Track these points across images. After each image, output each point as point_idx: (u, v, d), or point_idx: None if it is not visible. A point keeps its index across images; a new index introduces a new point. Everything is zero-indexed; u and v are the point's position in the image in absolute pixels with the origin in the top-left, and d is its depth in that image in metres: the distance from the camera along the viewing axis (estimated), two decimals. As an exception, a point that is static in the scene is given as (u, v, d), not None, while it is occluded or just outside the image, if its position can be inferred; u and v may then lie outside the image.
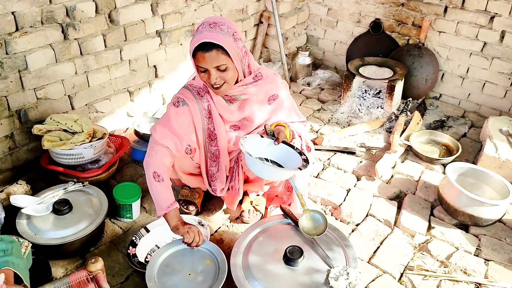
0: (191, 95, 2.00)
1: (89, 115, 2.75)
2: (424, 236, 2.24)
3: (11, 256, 1.48)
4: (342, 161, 2.80)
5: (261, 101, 2.08)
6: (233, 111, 2.06)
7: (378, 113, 3.27)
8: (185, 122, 1.99)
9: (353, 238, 2.22)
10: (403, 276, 2.04)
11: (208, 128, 2.04)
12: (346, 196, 2.50)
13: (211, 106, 2.01)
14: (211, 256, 1.87)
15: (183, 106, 1.98)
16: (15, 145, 2.43)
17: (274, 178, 2.01)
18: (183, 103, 1.98)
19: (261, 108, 2.09)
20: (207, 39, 1.76)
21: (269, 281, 1.72)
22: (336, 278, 1.71)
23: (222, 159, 2.13)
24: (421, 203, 2.45)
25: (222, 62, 1.81)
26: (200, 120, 2.01)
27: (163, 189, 1.91)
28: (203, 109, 2.00)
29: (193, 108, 1.98)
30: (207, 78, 1.86)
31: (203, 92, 2.01)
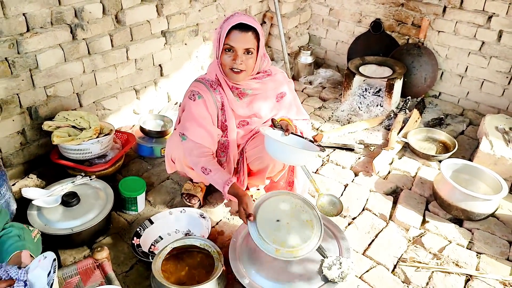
0: (205, 87, 2.09)
1: (97, 112, 2.85)
2: (419, 230, 2.32)
3: (26, 241, 1.58)
4: (341, 157, 2.88)
5: (269, 98, 2.17)
6: (242, 105, 2.16)
7: (377, 111, 3.35)
8: (206, 114, 2.09)
9: (349, 231, 2.31)
10: (396, 267, 2.11)
11: (220, 120, 2.15)
12: (344, 191, 2.58)
13: (224, 99, 2.11)
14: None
15: (199, 99, 2.07)
16: (27, 141, 2.54)
17: (294, 159, 1.99)
18: (198, 96, 2.07)
19: (269, 105, 2.19)
20: (246, 21, 1.90)
21: (266, 270, 1.81)
22: (329, 268, 1.80)
23: (231, 150, 2.23)
24: (417, 198, 2.52)
25: (252, 45, 1.93)
26: (215, 110, 2.11)
27: (213, 177, 2.02)
28: (217, 100, 2.10)
29: (207, 99, 2.08)
30: (231, 59, 1.95)
31: (215, 85, 2.10)
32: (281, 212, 1.88)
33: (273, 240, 1.76)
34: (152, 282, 1.85)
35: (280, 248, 1.74)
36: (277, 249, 1.73)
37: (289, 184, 2.30)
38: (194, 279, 1.88)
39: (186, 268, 1.93)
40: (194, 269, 1.93)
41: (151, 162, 2.79)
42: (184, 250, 2.00)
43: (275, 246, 1.74)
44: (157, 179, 2.65)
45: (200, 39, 3.32)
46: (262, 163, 2.19)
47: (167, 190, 2.57)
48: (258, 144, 2.17)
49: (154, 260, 1.87)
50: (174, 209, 2.31)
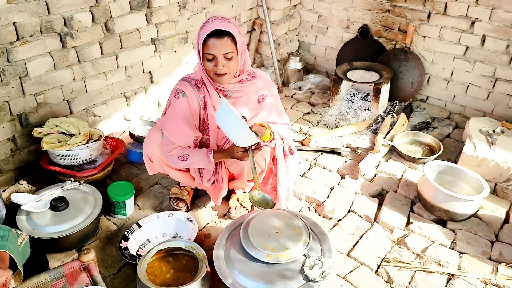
0: (189, 86, 2.14)
1: (87, 119, 2.90)
2: (403, 231, 2.36)
3: (8, 242, 1.62)
4: (328, 161, 2.93)
5: (251, 100, 2.21)
6: None
7: (365, 115, 3.40)
8: (187, 113, 2.15)
9: (334, 232, 2.35)
10: (379, 268, 2.15)
11: (203, 118, 2.19)
12: (330, 194, 2.62)
13: (207, 98, 2.15)
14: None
15: (183, 98, 2.13)
16: (17, 147, 2.58)
17: (236, 134, 1.93)
18: (182, 94, 2.13)
19: (250, 107, 2.22)
20: (220, 27, 1.94)
21: (249, 270, 1.84)
22: (311, 267, 1.84)
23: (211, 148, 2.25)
24: (402, 200, 2.57)
25: (230, 49, 1.98)
26: (197, 108, 2.16)
27: (193, 158, 2.11)
28: (200, 99, 2.15)
29: (191, 98, 2.13)
30: (213, 66, 2.01)
31: (200, 84, 2.15)
32: (271, 224, 2.02)
33: (265, 247, 1.88)
34: (137, 284, 1.88)
35: (271, 253, 1.86)
36: (268, 255, 1.86)
37: (274, 189, 2.33)
38: (179, 281, 1.92)
39: (171, 270, 1.97)
40: (179, 272, 1.96)
41: (140, 167, 2.83)
42: (170, 252, 2.03)
43: (266, 252, 1.86)
44: (146, 183, 2.69)
45: (189, 46, 3.38)
46: (237, 166, 2.24)
47: (155, 194, 2.61)
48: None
49: (140, 262, 1.90)
50: (162, 213, 2.35)
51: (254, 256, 1.87)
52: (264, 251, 1.86)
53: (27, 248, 1.80)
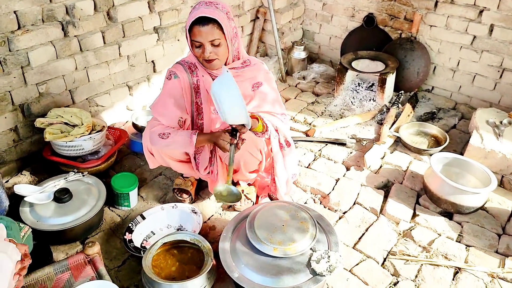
0: (183, 69, 2.13)
1: (90, 109, 2.87)
2: (409, 223, 2.34)
3: (12, 231, 1.60)
4: (333, 152, 2.90)
5: (245, 87, 2.16)
6: None
7: (370, 105, 3.36)
8: (177, 94, 2.13)
9: (339, 225, 2.33)
10: (386, 260, 2.14)
11: (196, 102, 2.16)
12: (335, 186, 2.60)
13: (200, 81, 2.13)
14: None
15: (175, 79, 2.11)
16: (19, 138, 2.55)
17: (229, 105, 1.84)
18: (175, 76, 2.11)
19: (243, 93, 2.15)
20: (204, 14, 1.90)
21: (255, 264, 1.83)
22: (317, 261, 1.82)
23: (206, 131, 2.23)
24: (408, 192, 2.54)
25: (216, 36, 1.94)
26: (189, 92, 2.14)
27: (174, 137, 2.07)
28: (192, 83, 2.13)
29: (183, 80, 2.11)
30: (201, 52, 1.99)
31: (193, 67, 2.13)
32: (277, 217, 1.98)
33: (271, 240, 1.85)
34: (143, 277, 1.87)
35: (278, 247, 1.83)
36: (275, 248, 1.83)
37: (273, 181, 2.31)
38: (185, 274, 1.91)
39: (176, 263, 1.96)
40: (184, 264, 1.95)
41: (144, 158, 2.76)
42: (175, 245, 2.02)
43: (273, 245, 1.83)
44: (149, 174, 2.67)
45: (193, 35, 3.32)
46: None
47: (159, 185, 2.59)
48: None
49: (145, 255, 1.89)
50: (166, 205, 2.33)
51: (260, 249, 1.85)
52: (271, 244, 1.84)
53: (30, 242, 1.79)
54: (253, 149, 2.16)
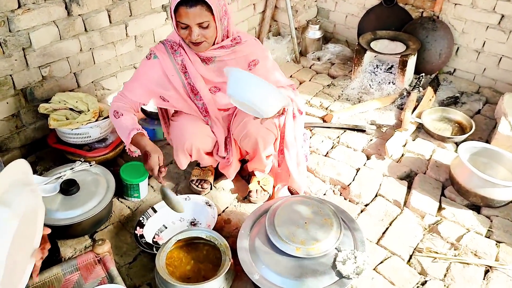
0: (164, 49, 1.96)
1: (96, 93, 2.72)
2: (435, 217, 2.21)
3: None
4: (352, 139, 2.75)
5: (241, 66, 2.00)
6: (209, 69, 2.00)
7: (389, 89, 3.19)
8: (155, 75, 1.97)
9: (361, 219, 2.20)
10: (412, 258, 2.02)
11: (188, 83, 2.00)
12: (355, 176, 2.46)
13: (185, 61, 1.96)
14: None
15: (154, 59, 1.95)
16: (22, 124, 2.42)
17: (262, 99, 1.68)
18: (154, 56, 1.95)
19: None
20: None
21: (277, 265, 1.71)
22: (343, 262, 1.70)
23: (211, 112, 2.08)
24: (432, 183, 2.41)
25: (205, 19, 1.77)
26: (175, 74, 1.97)
27: (121, 121, 1.91)
28: (176, 63, 1.96)
29: (163, 61, 1.95)
30: (187, 34, 1.82)
31: (176, 46, 1.96)
32: (299, 213, 1.85)
33: (293, 239, 1.72)
34: (156, 277, 1.76)
35: (300, 246, 1.70)
36: (297, 248, 1.71)
37: (280, 152, 2.15)
38: (201, 273, 1.79)
39: (191, 261, 1.84)
40: (200, 263, 1.84)
41: (153, 145, 2.67)
42: (189, 242, 1.90)
43: (295, 245, 1.71)
44: (160, 163, 2.53)
45: (203, 13, 3.14)
46: (250, 139, 2.05)
47: (170, 175, 2.45)
48: (240, 120, 2.04)
49: (158, 254, 1.77)
50: (179, 197, 2.21)
51: (282, 249, 1.72)
52: (293, 244, 1.72)
53: None
54: (270, 124, 2.01)
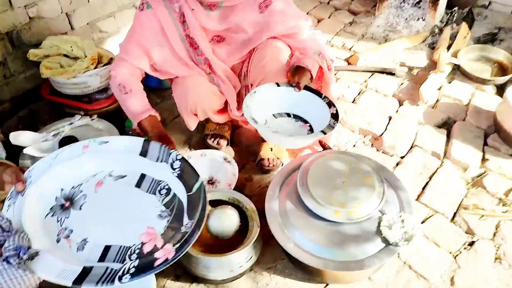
0: None
1: (92, 36, 2.41)
2: (478, 169, 1.98)
3: None
4: (381, 83, 2.47)
5: (249, 8, 1.68)
6: (211, 17, 1.68)
7: (418, 25, 2.86)
8: (151, 30, 1.66)
9: (397, 173, 1.97)
10: (456, 215, 1.81)
11: (186, 35, 1.69)
12: (388, 125, 2.21)
13: (184, 8, 1.63)
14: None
15: (148, 10, 1.64)
16: (11, 73, 2.14)
17: (292, 146, 1.62)
18: (147, 5, 1.64)
19: (250, 18, 1.70)
20: None
21: (311, 230, 1.49)
22: (389, 227, 1.48)
23: (216, 68, 1.78)
24: (473, 130, 2.16)
25: None
26: (172, 25, 1.66)
27: (131, 100, 1.65)
28: (173, 11, 1.64)
29: (159, 11, 1.63)
30: None
31: None
32: (334, 171, 1.58)
33: (330, 201, 1.47)
34: (175, 246, 1.55)
35: (339, 209, 1.46)
36: (336, 211, 1.46)
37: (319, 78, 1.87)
38: (224, 241, 1.58)
39: (213, 228, 1.62)
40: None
41: (160, 94, 2.40)
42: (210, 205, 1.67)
43: (334, 208, 1.46)
44: (168, 114, 2.28)
45: None
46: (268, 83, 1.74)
47: (181, 127, 2.19)
48: (258, 63, 1.74)
49: (177, 221, 1.54)
50: (193, 153, 1.97)
51: (318, 213, 1.50)
52: (330, 207, 1.49)
53: None
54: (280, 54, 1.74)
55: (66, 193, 1.28)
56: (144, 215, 1.24)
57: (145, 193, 1.31)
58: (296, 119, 1.66)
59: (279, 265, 1.63)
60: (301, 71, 1.67)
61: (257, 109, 1.58)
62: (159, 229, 1.21)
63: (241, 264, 1.52)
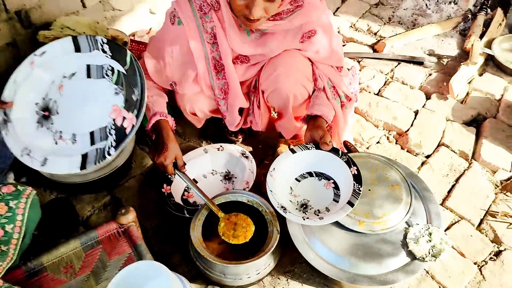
0: (190, 11, 1.50)
1: (105, 14, 2.29)
2: (509, 173, 1.89)
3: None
4: (408, 73, 2.35)
5: (291, 37, 1.57)
6: (246, 40, 1.56)
7: (450, 10, 2.71)
8: (179, 50, 1.56)
9: (422, 173, 1.89)
10: (482, 222, 1.73)
11: (213, 57, 1.57)
12: (414, 120, 2.10)
13: (217, 29, 1.51)
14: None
15: (179, 26, 1.51)
16: (20, 55, 2.03)
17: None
18: (178, 20, 1.51)
19: (289, 45, 1.59)
20: None
21: (334, 240, 1.43)
22: (415, 240, 1.41)
23: (232, 95, 1.68)
24: (505, 129, 2.05)
25: None
26: (199, 45, 1.54)
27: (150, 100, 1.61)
28: (204, 31, 1.52)
29: (189, 30, 1.51)
30: (243, 7, 1.35)
31: (207, 7, 1.49)
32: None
33: (355, 211, 1.40)
34: (191, 249, 1.50)
35: (364, 220, 1.41)
36: (360, 221, 1.41)
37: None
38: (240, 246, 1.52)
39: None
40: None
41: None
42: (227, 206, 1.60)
43: (358, 218, 1.41)
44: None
45: None
46: (280, 94, 1.64)
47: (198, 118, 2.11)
48: (272, 72, 1.61)
49: (192, 225, 1.48)
50: (210, 146, 1.89)
51: (341, 222, 1.43)
52: (355, 217, 1.42)
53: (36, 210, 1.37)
54: (305, 80, 1.63)
55: (42, 105, 1.52)
56: (105, 97, 1.48)
57: (97, 79, 1.51)
58: (319, 178, 1.58)
59: (297, 269, 1.58)
60: (317, 123, 1.57)
61: (280, 185, 1.53)
62: (121, 104, 1.45)
63: (259, 271, 1.47)
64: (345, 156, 1.52)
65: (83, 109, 1.49)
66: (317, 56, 1.63)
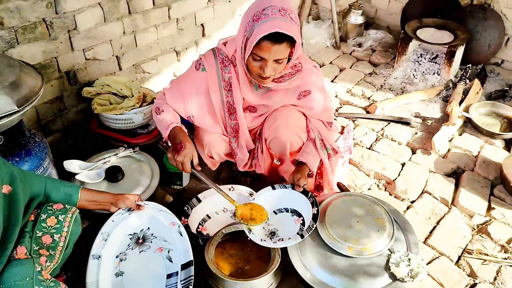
0: (213, 61, 1.86)
1: (136, 76, 2.69)
2: (484, 217, 2.15)
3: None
4: (396, 132, 2.68)
5: (290, 94, 1.92)
6: (256, 94, 1.92)
7: (434, 79, 3.09)
8: (199, 90, 1.88)
9: (408, 216, 2.14)
10: (460, 259, 1.97)
11: (227, 101, 1.91)
12: (401, 171, 2.40)
13: (233, 79, 1.86)
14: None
15: (202, 72, 1.86)
16: (65, 107, 2.40)
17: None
18: (203, 68, 1.86)
19: (289, 101, 1.94)
20: (281, 29, 1.56)
21: (327, 263, 1.67)
22: (397, 264, 1.65)
23: (241, 134, 2.00)
24: (481, 181, 2.33)
25: (284, 55, 1.67)
26: (217, 90, 1.88)
27: (162, 116, 1.88)
28: (222, 80, 1.87)
29: (210, 76, 1.85)
30: (258, 68, 1.70)
31: (227, 62, 1.85)
32: (350, 211, 1.81)
33: (345, 238, 1.68)
34: (204, 270, 1.74)
35: (353, 246, 1.67)
36: (349, 247, 1.67)
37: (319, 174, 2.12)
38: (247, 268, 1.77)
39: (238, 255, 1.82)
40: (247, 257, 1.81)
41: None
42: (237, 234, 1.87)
43: (347, 244, 1.66)
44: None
45: (244, -4, 3.06)
46: (279, 142, 1.96)
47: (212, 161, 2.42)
48: (272, 123, 1.95)
49: (207, 248, 1.75)
50: (223, 187, 2.17)
51: (334, 248, 1.69)
52: (345, 243, 1.68)
53: (78, 225, 1.61)
54: (300, 131, 1.96)
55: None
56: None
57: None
58: (292, 214, 1.85)
59: (295, 291, 1.80)
60: (300, 168, 1.88)
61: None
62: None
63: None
64: (311, 198, 1.80)
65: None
66: (311, 112, 1.96)
